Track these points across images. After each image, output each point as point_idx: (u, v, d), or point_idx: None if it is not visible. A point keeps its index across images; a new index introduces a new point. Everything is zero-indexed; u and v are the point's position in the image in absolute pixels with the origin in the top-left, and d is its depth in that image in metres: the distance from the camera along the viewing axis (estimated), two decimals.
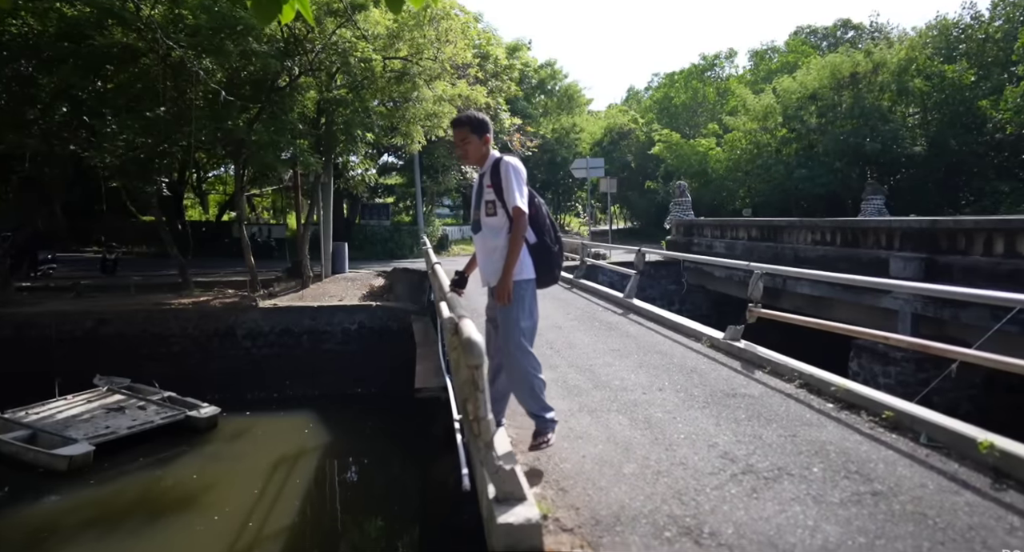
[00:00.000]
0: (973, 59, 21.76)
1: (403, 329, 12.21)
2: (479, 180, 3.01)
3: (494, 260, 2.90)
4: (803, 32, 38.11)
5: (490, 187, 2.90)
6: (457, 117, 3.03)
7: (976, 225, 7.52)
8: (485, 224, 2.94)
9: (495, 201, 2.88)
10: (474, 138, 2.93)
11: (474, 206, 3.00)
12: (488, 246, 2.94)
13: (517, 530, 2.07)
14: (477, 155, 2.98)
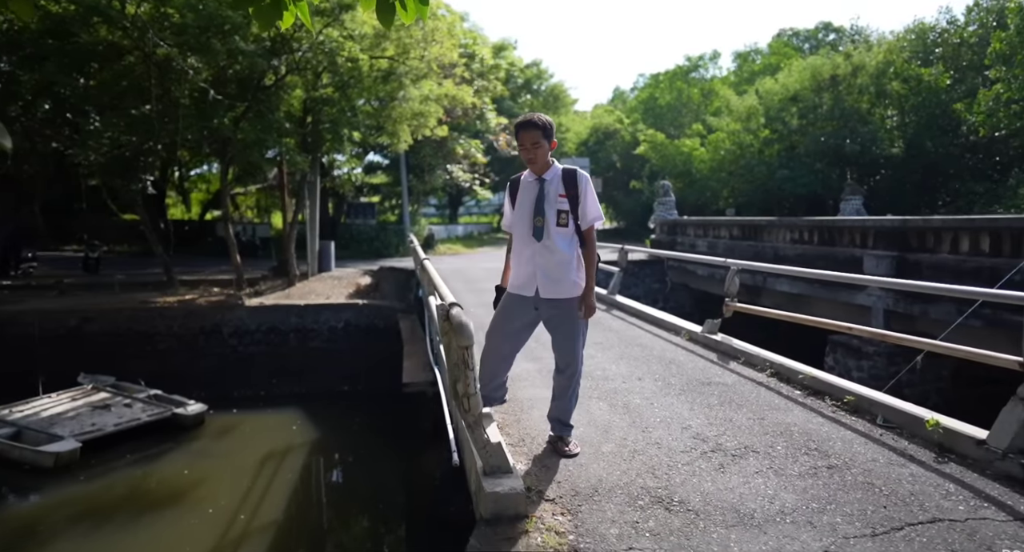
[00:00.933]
0: (949, 63, 22.32)
1: (389, 327, 12.31)
2: (539, 186, 2.85)
3: (558, 271, 2.82)
4: (786, 34, 38.72)
5: (563, 197, 2.81)
6: (529, 118, 2.82)
7: (943, 224, 7.84)
8: (555, 233, 2.81)
9: (568, 212, 2.81)
10: (545, 143, 2.78)
11: (530, 211, 2.83)
12: (554, 257, 2.81)
13: (503, 498, 2.24)
14: (544, 160, 2.83)
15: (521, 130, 2.82)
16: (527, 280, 2.86)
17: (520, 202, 2.90)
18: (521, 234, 2.89)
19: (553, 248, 2.81)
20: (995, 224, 7.07)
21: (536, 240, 2.82)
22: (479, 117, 24.99)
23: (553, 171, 2.88)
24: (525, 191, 2.89)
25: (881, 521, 2.27)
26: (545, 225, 2.80)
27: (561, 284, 2.82)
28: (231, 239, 13.59)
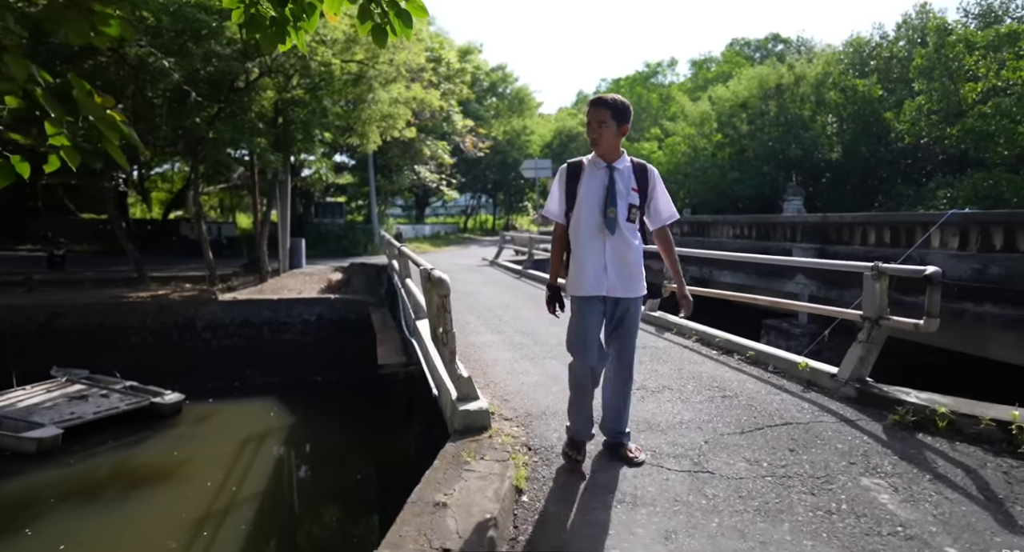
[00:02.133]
0: (882, 75, 24.14)
1: (361, 320, 12.86)
2: (609, 174, 2.58)
3: (635, 267, 2.62)
4: (738, 44, 40.63)
5: (635, 191, 2.60)
6: (600, 96, 2.57)
7: (854, 220, 8.96)
8: (626, 229, 2.58)
9: (638, 207, 2.61)
10: (612, 124, 2.53)
11: (600, 201, 2.56)
12: (626, 253, 2.58)
13: (473, 414, 2.97)
14: (610, 144, 2.57)
15: (590, 108, 2.58)
16: (596, 279, 2.56)
17: (587, 189, 2.59)
18: (587, 226, 2.57)
19: (622, 243, 2.56)
20: (892, 219, 8.21)
21: (610, 232, 2.55)
22: (446, 119, 25.60)
23: (623, 161, 2.63)
24: (592, 178, 2.59)
25: (749, 425, 3.10)
26: (617, 218, 2.55)
27: (637, 281, 2.63)
28: (204, 236, 13.89)
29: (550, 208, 2.74)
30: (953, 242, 7.36)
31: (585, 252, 2.58)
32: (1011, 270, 6.54)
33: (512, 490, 2.38)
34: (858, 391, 3.48)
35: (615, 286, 2.58)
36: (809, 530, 2.20)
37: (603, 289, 2.57)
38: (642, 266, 2.66)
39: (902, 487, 2.52)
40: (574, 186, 2.64)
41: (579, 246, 2.60)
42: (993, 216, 7.23)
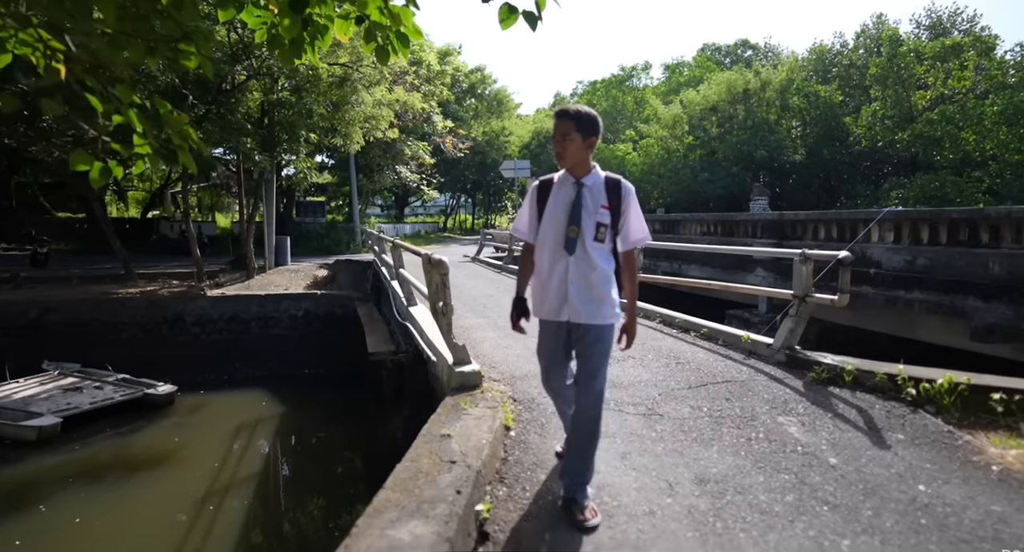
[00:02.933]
0: (842, 81, 25.44)
1: (347, 314, 13.34)
2: (576, 190, 2.39)
3: (599, 290, 2.36)
4: (709, 49, 41.89)
5: (606, 208, 2.38)
6: (563, 108, 2.42)
7: (807, 217, 9.81)
8: (592, 249, 2.36)
9: (608, 227, 2.38)
10: (577, 137, 2.36)
11: (564, 219, 2.37)
12: (589, 276, 2.35)
13: (467, 375, 3.58)
14: (575, 158, 2.39)
15: (555, 119, 2.43)
16: (556, 303, 2.39)
17: (552, 207, 2.42)
18: (549, 246, 2.41)
19: (585, 265, 2.35)
20: (839, 217, 9.06)
21: (568, 253, 2.35)
22: (426, 120, 26.09)
23: (594, 176, 2.43)
24: (558, 195, 2.42)
25: (695, 382, 3.79)
26: (581, 237, 2.35)
27: (604, 307, 2.36)
28: (192, 234, 14.22)
29: (518, 227, 2.57)
30: (889, 237, 8.22)
31: (547, 273, 2.41)
32: (935, 261, 7.40)
33: (502, 427, 3.01)
34: (787, 356, 4.21)
35: (576, 311, 2.35)
36: (732, 451, 2.87)
37: (563, 314, 2.37)
38: (612, 290, 2.39)
39: (808, 422, 3.22)
40: (543, 204, 2.46)
41: (542, 266, 2.43)
42: (920, 214, 8.10)
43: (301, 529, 6.80)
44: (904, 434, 3.12)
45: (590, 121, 2.39)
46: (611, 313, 2.38)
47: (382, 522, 1.99)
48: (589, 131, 2.38)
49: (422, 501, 2.13)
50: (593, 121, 2.40)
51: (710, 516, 2.31)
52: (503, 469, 2.65)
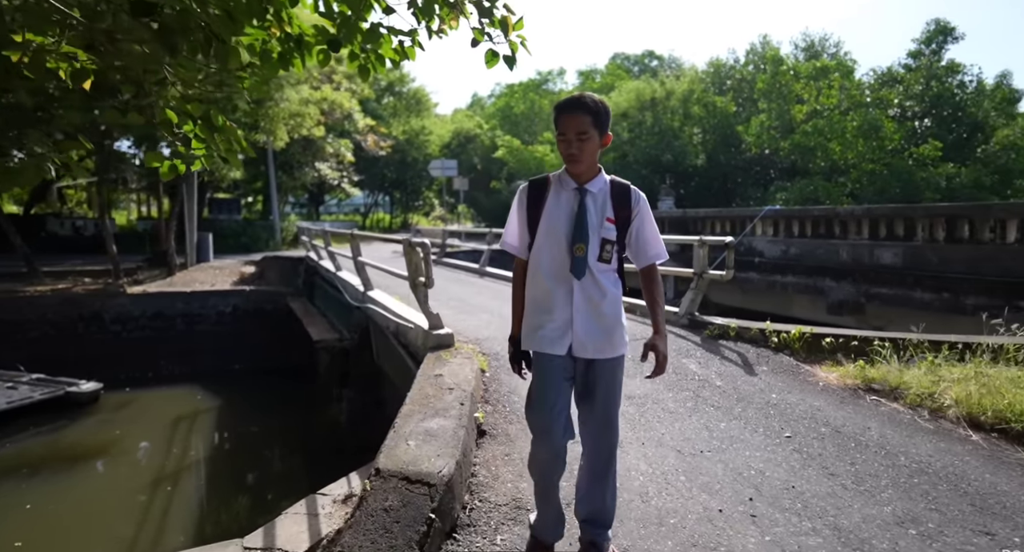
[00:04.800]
0: (735, 93, 28.27)
1: (279, 309, 13.47)
2: (579, 198, 1.95)
3: (610, 319, 1.97)
4: (619, 58, 44.48)
5: (611, 222, 1.95)
6: (577, 98, 1.93)
7: (706, 215, 11.36)
8: (599, 271, 1.95)
9: (614, 243, 1.96)
10: (595, 134, 1.90)
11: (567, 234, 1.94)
12: (599, 304, 1.95)
13: (442, 337, 4.36)
14: (592, 162, 1.95)
15: (563, 114, 1.91)
16: (559, 333, 1.95)
17: (550, 218, 1.97)
18: (546, 265, 1.97)
19: (599, 286, 1.94)
20: (731, 214, 10.64)
21: (576, 277, 1.92)
22: (347, 117, 26.02)
23: (599, 182, 1.97)
24: (557, 203, 1.97)
25: None
26: (590, 258, 1.93)
27: (614, 337, 1.98)
28: (108, 231, 13.76)
29: (507, 240, 2.08)
30: (769, 231, 9.83)
31: (546, 299, 1.95)
32: (803, 250, 9.04)
33: (479, 370, 3.83)
34: (689, 320, 5.34)
35: (583, 345, 1.93)
36: (650, 381, 3.87)
37: (565, 346, 1.93)
38: (621, 318, 2.00)
39: (703, 362, 4.31)
40: (537, 212, 1.99)
41: (539, 291, 1.97)
42: (791, 211, 9.79)
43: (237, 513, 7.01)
44: (767, 367, 4.29)
45: (607, 114, 1.91)
46: (622, 342, 1.99)
47: (413, 420, 2.77)
48: (607, 126, 1.91)
49: (437, 409, 2.92)
50: (608, 113, 1.92)
51: (637, 416, 3.28)
52: (486, 395, 3.49)
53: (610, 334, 1.97)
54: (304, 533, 3.10)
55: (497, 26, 3.01)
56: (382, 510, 2.10)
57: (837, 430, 3.21)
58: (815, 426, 3.26)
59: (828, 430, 3.21)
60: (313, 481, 3.44)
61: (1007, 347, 4.04)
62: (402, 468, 2.30)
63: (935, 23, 24.36)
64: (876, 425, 3.29)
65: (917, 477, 2.69)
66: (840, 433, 3.18)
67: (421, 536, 2.01)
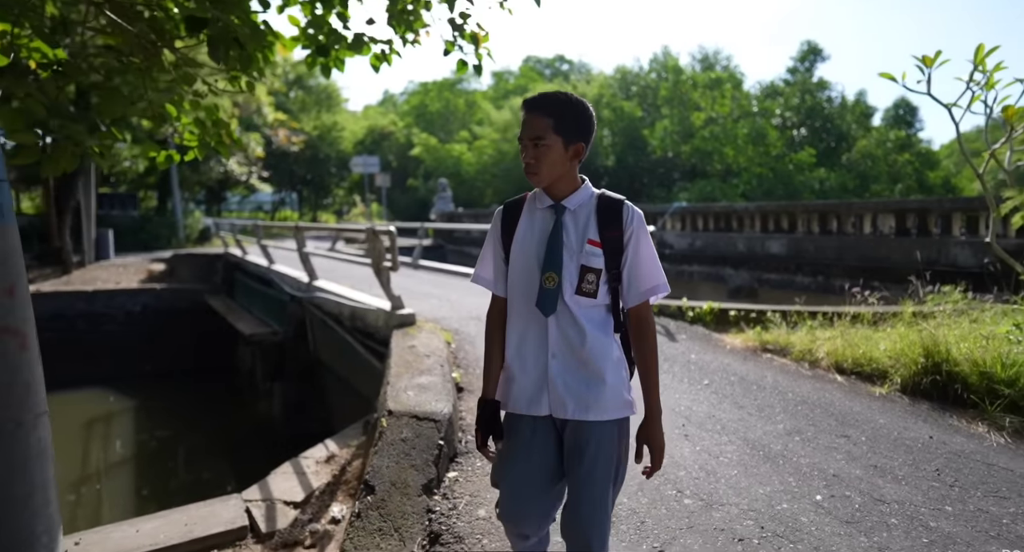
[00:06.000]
0: (640, 99, 30.24)
1: (197, 308, 12.97)
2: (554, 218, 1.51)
3: (583, 371, 1.49)
4: (531, 61, 45.78)
5: (596, 245, 1.49)
6: (537, 96, 1.51)
7: None
8: (575, 306, 1.48)
9: (602, 272, 1.48)
10: (556, 142, 1.45)
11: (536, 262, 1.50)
12: (578, 349, 1.48)
13: (404, 316, 4.76)
14: (554, 173, 1.49)
15: (524, 113, 1.51)
16: (532, 387, 1.52)
17: (522, 243, 1.55)
18: (520, 302, 1.55)
19: (577, 325, 1.48)
20: (645, 209, 11.70)
21: (543, 312, 1.49)
22: (256, 111, 24.99)
23: (581, 196, 1.54)
24: (531, 225, 1.56)
25: None
26: (560, 289, 1.48)
27: (602, 393, 1.48)
28: None
29: (479, 272, 1.68)
30: (678, 226, 10.96)
31: (520, 343, 1.56)
32: (706, 242, 10.21)
33: (445, 342, 4.29)
34: None
35: (562, 401, 1.49)
36: None
37: (543, 405, 1.52)
38: (618, 366, 1.52)
39: None
40: (511, 238, 1.59)
41: (512, 332, 1.58)
42: (696, 208, 10.99)
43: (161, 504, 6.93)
44: (685, 335, 5.09)
45: (576, 116, 1.48)
46: (617, 401, 1.49)
47: (404, 379, 3.21)
48: (575, 132, 1.48)
49: (421, 370, 3.37)
50: (581, 116, 1.49)
51: None
52: (456, 361, 3.96)
53: (596, 388, 1.46)
54: (297, 487, 3.45)
55: (468, 40, 3.50)
56: (400, 440, 2.54)
57: (742, 378, 4.01)
58: (726, 376, 4.04)
59: (736, 378, 4.00)
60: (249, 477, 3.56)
61: (862, 314, 5.09)
62: (411, 409, 2.74)
63: (807, 44, 27.53)
64: (771, 374, 4.13)
65: (800, 406, 3.51)
66: (745, 380, 3.97)
67: (435, 457, 2.48)
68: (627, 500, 2.42)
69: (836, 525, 2.22)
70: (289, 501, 3.33)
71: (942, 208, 7.73)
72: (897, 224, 8.04)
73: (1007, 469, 2.66)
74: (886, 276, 6.40)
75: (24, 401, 1.45)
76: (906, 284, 4.89)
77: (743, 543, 2.12)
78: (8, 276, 1.41)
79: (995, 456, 2.79)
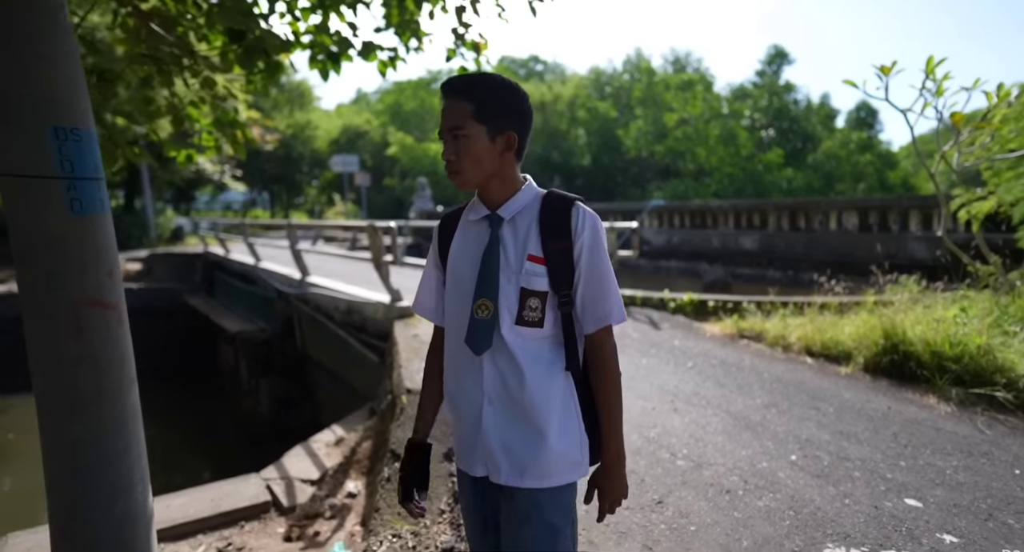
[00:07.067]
0: (615, 100, 30.80)
1: (176, 307, 12.90)
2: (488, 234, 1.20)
3: (526, 419, 1.18)
4: (506, 61, 45.99)
5: (538, 261, 1.16)
6: (455, 79, 1.18)
7: (599, 208, 12.74)
8: (514, 339, 1.17)
9: (546, 295, 1.17)
10: (478, 132, 1.14)
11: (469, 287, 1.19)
12: (517, 392, 1.17)
13: (404, 308, 4.99)
14: (482, 172, 1.17)
15: (443, 99, 1.19)
16: (469, 441, 1.22)
17: (455, 263, 1.24)
18: (455, 337, 1.23)
19: (518, 366, 1.17)
20: (624, 208, 12.10)
21: (474, 349, 1.17)
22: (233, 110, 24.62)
23: (521, 200, 1.22)
24: (465, 241, 1.24)
25: None
26: (497, 319, 1.16)
27: (542, 449, 1.17)
28: None
29: (420, 300, 1.36)
30: (656, 223, 11.37)
31: (454, 385, 1.25)
32: (683, 238, 10.63)
33: None
34: None
35: (496, 461, 1.18)
36: None
37: (477, 464, 1.21)
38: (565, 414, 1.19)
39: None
40: (443, 255, 1.29)
41: (448, 373, 1.28)
42: (673, 206, 11.42)
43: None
44: (668, 324, 5.44)
45: (503, 100, 1.16)
46: (562, 462, 1.19)
47: (415, 362, 3.47)
48: (502, 119, 1.15)
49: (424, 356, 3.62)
50: (510, 99, 1.17)
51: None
52: None
53: (536, 446, 1.16)
54: (311, 467, 3.68)
55: (470, 47, 3.75)
56: None
57: (723, 361, 4.36)
58: (708, 359, 4.39)
59: (717, 361, 4.35)
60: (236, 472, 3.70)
61: (829, 303, 5.51)
62: None
63: (774, 48, 28.45)
64: (748, 357, 4.49)
65: (775, 384, 3.86)
66: (725, 363, 4.32)
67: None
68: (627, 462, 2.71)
69: (808, 478, 2.55)
70: (305, 479, 3.55)
71: (900, 206, 8.27)
72: (860, 221, 8.56)
73: (952, 432, 3.04)
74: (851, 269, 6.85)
75: (121, 368, 1.66)
76: (868, 276, 5.32)
77: (730, 494, 2.43)
78: (108, 261, 1.62)
79: (943, 422, 3.18)
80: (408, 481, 1.28)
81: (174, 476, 7.91)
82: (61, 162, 1.51)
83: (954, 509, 2.29)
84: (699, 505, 2.36)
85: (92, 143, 1.61)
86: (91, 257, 1.58)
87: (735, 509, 2.32)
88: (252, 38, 2.62)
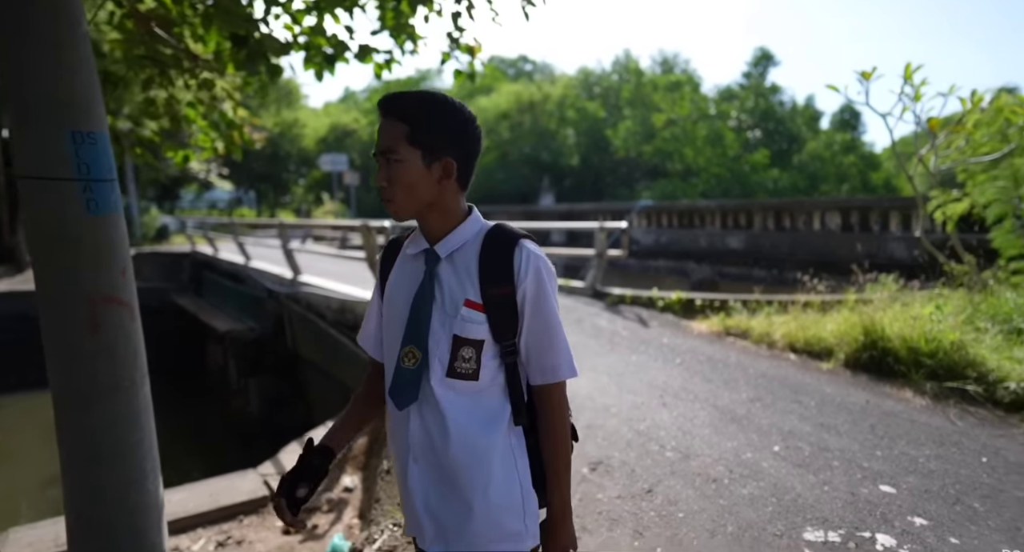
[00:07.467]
0: (604, 100, 30.96)
1: (165, 307, 12.82)
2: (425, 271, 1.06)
3: (455, 486, 1.05)
4: (495, 60, 46.03)
5: (475, 308, 1.02)
6: (389, 95, 1.04)
7: (589, 208, 12.89)
8: (445, 392, 1.03)
9: (482, 344, 1.02)
10: (413, 157, 1.00)
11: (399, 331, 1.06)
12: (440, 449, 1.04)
13: None
14: (417, 201, 1.03)
15: (380, 117, 1.05)
16: (406, 500, 1.10)
17: (390, 302, 1.12)
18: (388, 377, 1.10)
19: (443, 423, 1.03)
20: (612, 207, 12.25)
21: (395, 403, 1.07)
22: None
23: (463, 235, 1.07)
24: (401, 277, 1.11)
25: None
26: (427, 369, 1.03)
27: (465, 518, 1.04)
28: None
29: (364, 332, 1.23)
30: (644, 222, 11.52)
31: (391, 434, 1.14)
32: (671, 238, 10.79)
33: None
34: (593, 291, 6.52)
35: (420, 522, 1.07)
36: (574, 333, 4.92)
37: (407, 520, 1.11)
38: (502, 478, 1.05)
39: (610, 321, 5.47)
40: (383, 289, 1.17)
41: (387, 418, 1.13)
42: (661, 206, 11.58)
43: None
44: (657, 322, 5.57)
45: (441, 121, 1.02)
46: (494, 531, 1.05)
47: None
48: (440, 143, 1.02)
49: None
50: (449, 120, 1.02)
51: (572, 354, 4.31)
52: None
53: (460, 512, 1.04)
54: None
55: (464, 51, 3.83)
56: None
57: (710, 357, 4.48)
58: (695, 356, 4.51)
59: (704, 358, 4.47)
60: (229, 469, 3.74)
61: (812, 302, 5.66)
62: None
63: (760, 50, 28.81)
64: (734, 353, 4.62)
65: (760, 379, 3.99)
66: (712, 359, 4.45)
67: None
68: (618, 453, 2.82)
69: (790, 468, 2.68)
70: None
71: (881, 207, 8.48)
72: (843, 221, 8.77)
73: (926, 424, 3.18)
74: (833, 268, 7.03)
75: (135, 363, 1.72)
76: (850, 275, 5.48)
77: (716, 483, 2.55)
78: (121, 259, 1.68)
79: (918, 414, 3.32)
80: (290, 478, 1.08)
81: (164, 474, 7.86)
82: (78, 165, 1.57)
83: (925, 494, 2.42)
84: (687, 493, 2.47)
85: (106, 145, 1.67)
86: (105, 255, 1.64)
87: (721, 497, 2.43)
88: (254, 42, 2.68)
